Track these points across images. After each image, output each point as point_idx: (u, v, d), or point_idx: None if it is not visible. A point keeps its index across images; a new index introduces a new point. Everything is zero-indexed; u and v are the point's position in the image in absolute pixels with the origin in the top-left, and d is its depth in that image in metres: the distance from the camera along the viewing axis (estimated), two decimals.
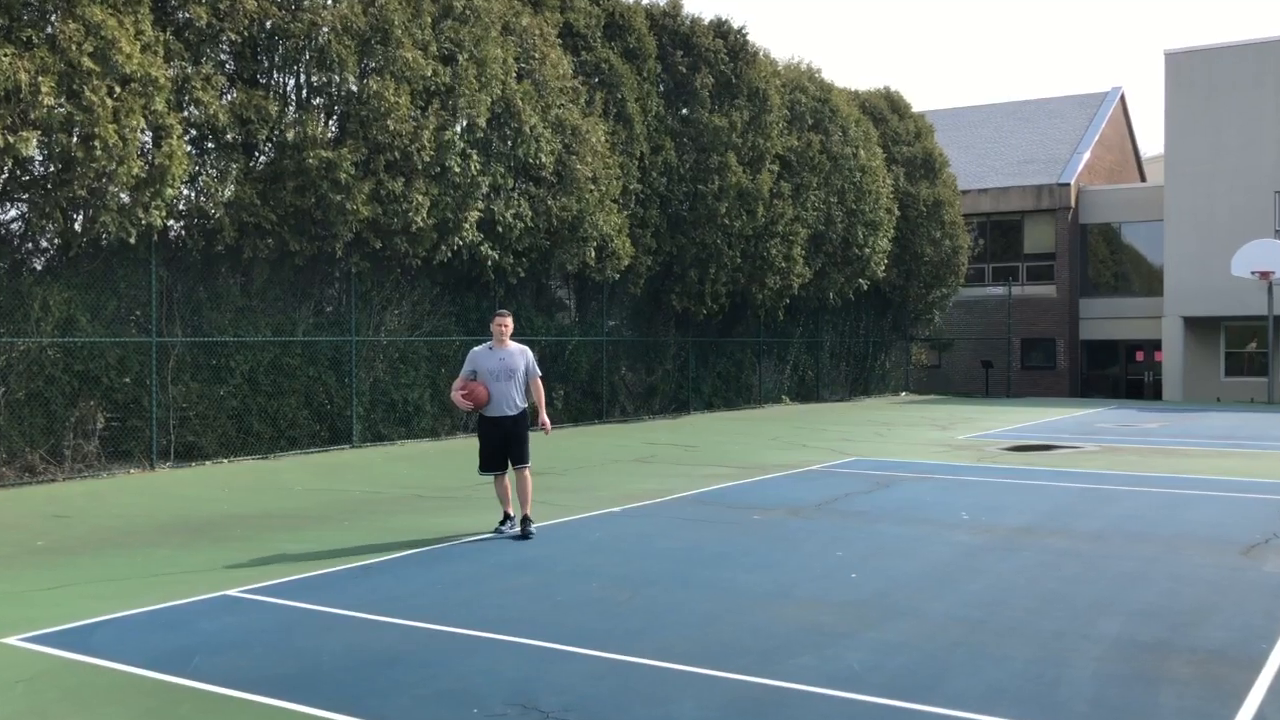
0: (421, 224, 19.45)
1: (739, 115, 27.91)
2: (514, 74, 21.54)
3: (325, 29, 18.17)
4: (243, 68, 18.06)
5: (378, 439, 20.85)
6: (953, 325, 43.82)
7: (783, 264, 29.67)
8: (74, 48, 14.70)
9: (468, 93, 19.99)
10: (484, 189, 20.74)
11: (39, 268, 16.56)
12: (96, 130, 14.83)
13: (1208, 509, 13.41)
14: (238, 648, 7.34)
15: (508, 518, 11.60)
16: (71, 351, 16.35)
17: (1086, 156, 45.39)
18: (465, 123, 20.48)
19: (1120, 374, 44.37)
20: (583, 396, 26.18)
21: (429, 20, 19.72)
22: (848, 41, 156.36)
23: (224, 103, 17.34)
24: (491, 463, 11.51)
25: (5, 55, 14.09)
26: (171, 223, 17.56)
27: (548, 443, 11.72)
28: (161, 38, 16.25)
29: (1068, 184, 43.82)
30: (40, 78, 14.36)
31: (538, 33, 22.57)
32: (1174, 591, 9.02)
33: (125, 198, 15.76)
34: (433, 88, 19.64)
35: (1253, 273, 35.34)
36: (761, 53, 29.49)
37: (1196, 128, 39.88)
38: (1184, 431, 24.57)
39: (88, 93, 14.76)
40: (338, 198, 18.14)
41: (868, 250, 33.54)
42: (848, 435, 23.36)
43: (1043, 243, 44.68)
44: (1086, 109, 49.16)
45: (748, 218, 28.13)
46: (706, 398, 30.62)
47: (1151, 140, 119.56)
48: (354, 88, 18.71)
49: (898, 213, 35.92)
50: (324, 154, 17.90)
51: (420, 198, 19.27)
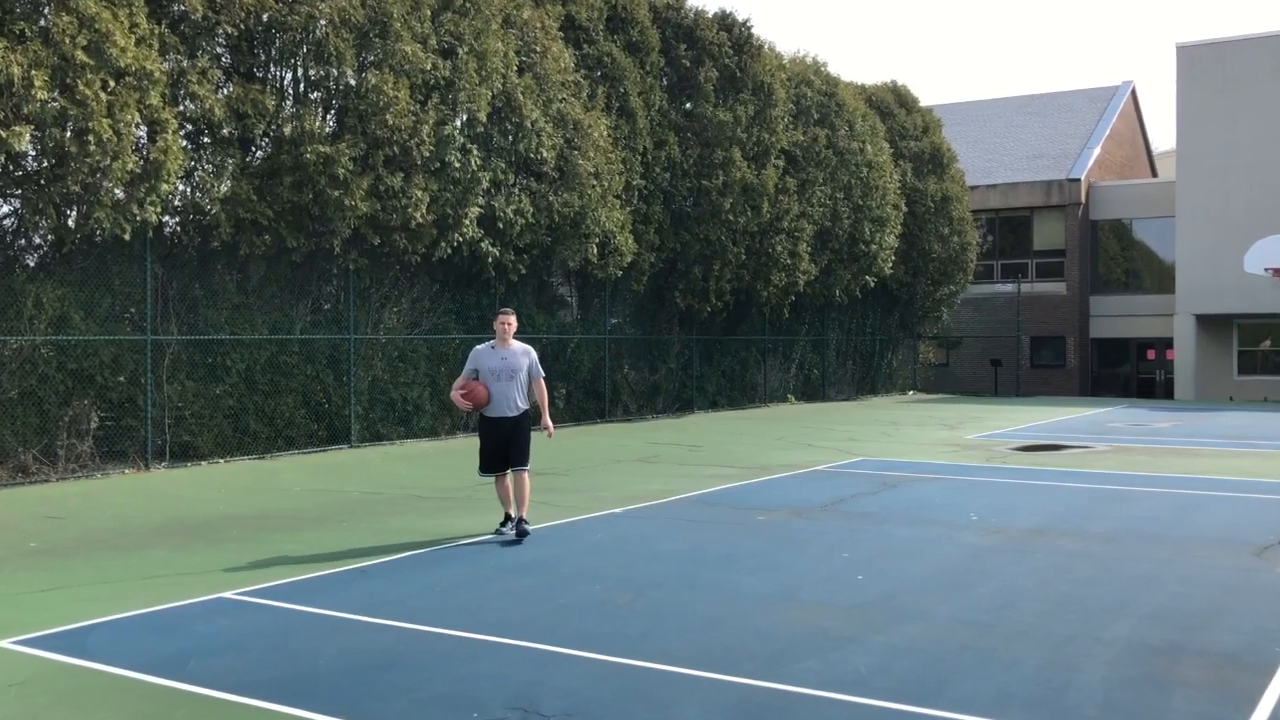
0: (421, 220, 19.45)
1: (744, 109, 27.89)
2: (515, 67, 21.54)
3: (323, 22, 18.17)
4: (239, 61, 18.06)
5: (376, 439, 20.86)
6: (961, 323, 43.77)
7: (788, 261, 29.67)
8: (67, 41, 14.70)
9: (468, 86, 19.99)
10: (484, 184, 20.73)
11: (32, 264, 16.57)
12: (90, 125, 14.84)
13: (1220, 510, 13.39)
14: (234, 651, 7.33)
15: (509, 519, 11.56)
16: (65, 350, 16.35)
17: (1097, 151, 45.35)
18: (465, 117, 20.47)
19: (1131, 372, 44.33)
20: (585, 395, 26.18)
21: (428, 13, 19.71)
22: (854, 34, 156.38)
23: (220, 97, 17.34)
24: (492, 464, 11.48)
25: None
26: (167, 219, 17.56)
27: (550, 443, 11.72)
28: (156, 31, 16.25)
29: (1078, 179, 43.78)
30: (33, 71, 14.36)
31: (539, 25, 22.57)
32: (1185, 594, 9.01)
33: (120, 193, 15.75)
34: (432, 81, 19.64)
35: (1266, 269, 35.31)
36: (766, 46, 29.49)
37: (1209, 122, 39.83)
38: (1196, 431, 24.55)
39: (81, 87, 14.77)
40: (336, 193, 18.14)
41: (874, 247, 33.53)
42: (854, 435, 23.36)
43: (1052, 239, 44.64)
44: (1097, 103, 49.12)
45: (752, 213, 28.12)
46: (711, 397, 30.61)
47: (1163, 135, 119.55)
48: (352, 81, 18.70)
49: (905, 209, 35.92)
50: (322, 149, 17.90)
51: (419, 193, 19.26)
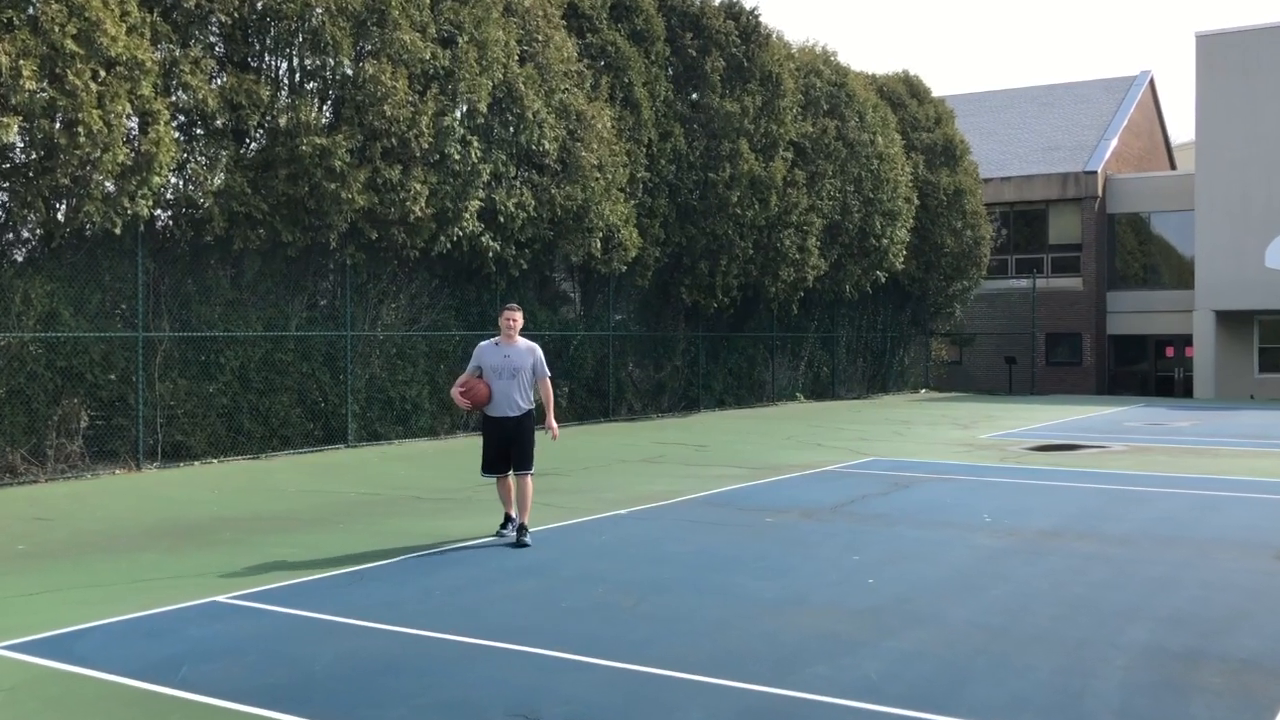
0: (420, 214, 19.45)
1: (751, 100, 27.88)
2: (516, 57, 21.52)
3: (319, 10, 18.17)
4: (233, 50, 18.05)
5: (374, 438, 20.86)
6: (974, 319, 43.73)
7: (797, 255, 29.65)
8: (56, 29, 14.70)
9: (468, 76, 19.98)
10: (485, 177, 20.73)
11: (20, 259, 16.56)
12: (80, 116, 14.84)
13: (1241, 511, 13.38)
14: (227, 656, 7.33)
15: (509, 519, 11.55)
16: (54, 347, 16.35)
17: (1114, 143, 45.30)
18: (465, 108, 20.47)
19: (1149, 370, 44.29)
20: (588, 394, 26.18)
21: (427, 1, 19.70)
22: (865, 23, 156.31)
23: (213, 87, 17.34)
24: (494, 465, 11.44)
25: None
26: (158, 212, 17.57)
27: (552, 443, 11.69)
28: (148, 19, 16.25)
29: (1094, 172, 43.74)
30: (21, 61, 14.37)
31: (541, 14, 22.56)
32: (1205, 598, 8.99)
33: (110, 186, 15.76)
34: (431, 71, 19.63)
35: None
36: (775, 35, 29.47)
37: (1230, 113, 39.76)
38: (1216, 430, 24.53)
39: (71, 76, 14.76)
40: (332, 186, 18.13)
41: (886, 241, 33.51)
42: (865, 434, 23.35)
43: (1068, 233, 44.60)
44: (1114, 93, 49.06)
45: (760, 207, 28.11)
46: (717, 395, 30.60)
47: (1182, 126, 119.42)
48: (349, 71, 18.70)
49: (917, 202, 35.89)
50: (318, 141, 17.90)
51: (418, 186, 19.26)
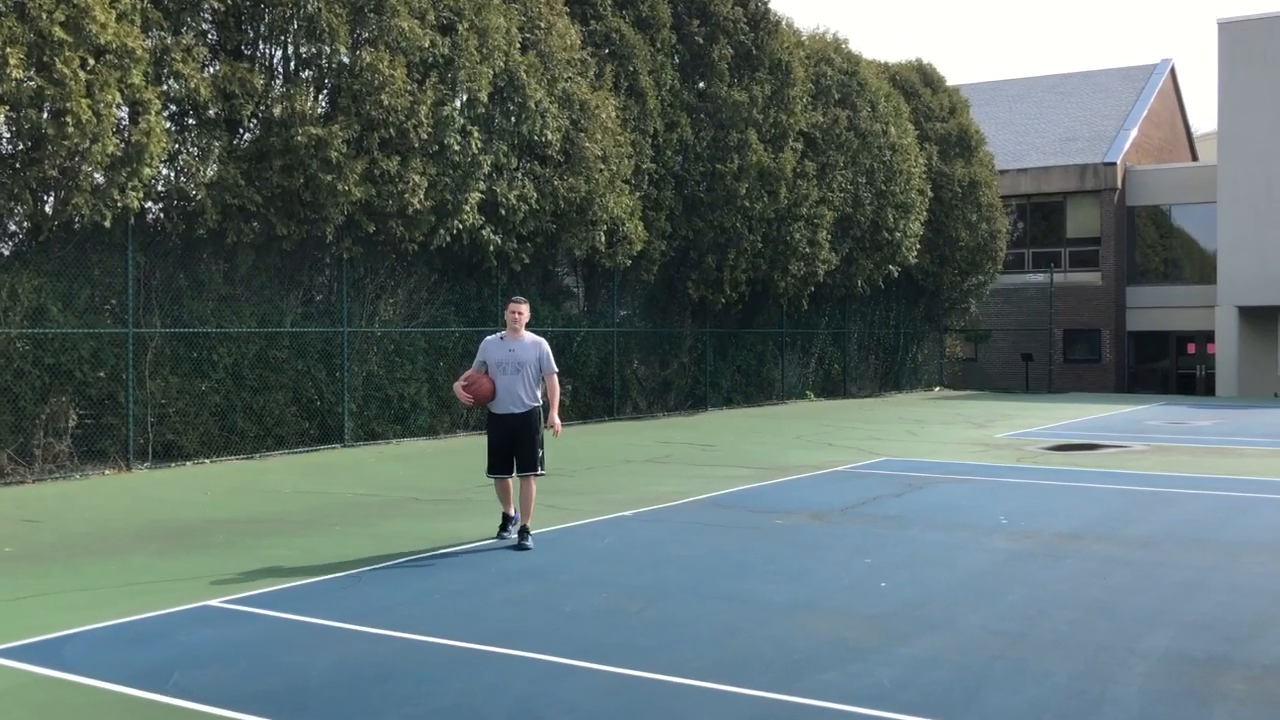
0: (418, 206, 19.43)
1: (760, 89, 27.86)
2: (518, 45, 21.50)
3: None
4: (226, 38, 18.05)
5: (371, 438, 20.86)
6: (990, 315, 43.70)
7: (807, 249, 29.63)
8: (44, 16, 14.70)
9: (468, 65, 19.96)
10: (485, 168, 20.71)
11: (7, 253, 16.59)
12: (68, 105, 14.83)
13: (1267, 513, 13.36)
14: (220, 662, 7.33)
15: (509, 520, 11.51)
16: (42, 343, 16.35)
17: (1134, 134, 45.25)
18: (465, 97, 20.45)
19: (1170, 368, 44.26)
20: (592, 392, 26.18)
21: None
22: (877, 10, 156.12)
23: (206, 76, 17.33)
24: (497, 464, 11.34)
25: None
26: (149, 205, 17.56)
27: (555, 442, 11.67)
28: (138, 6, 16.23)
29: (1114, 163, 43.70)
30: (8, 49, 14.36)
31: (543, 0, 22.54)
32: (1229, 602, 8.98)
33: (100, 178, 15.75)
34: (430, 59, 19.62)
35: None
36: (784, 22, 29.47)
37: (1253, 102, 39.70)
38: (1239, 430, 24.50)
39: (59, 65, 14.76)
40: (328, 178, 18.12)
41: (898, 234, 33.49)
42: (877, 434, 23.34)
43: (1087, 226, 44.56)
44: (1134, 82, 49.01)
45: (769, 199, 28.09)
46: (725, 393, 30.60)
47: (1204, 116, 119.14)
48: (346, 60, 18.69)
49: (931, 194, 35.87)
50: (313, 131, 17.88)
51: (417, 178, 19.25)
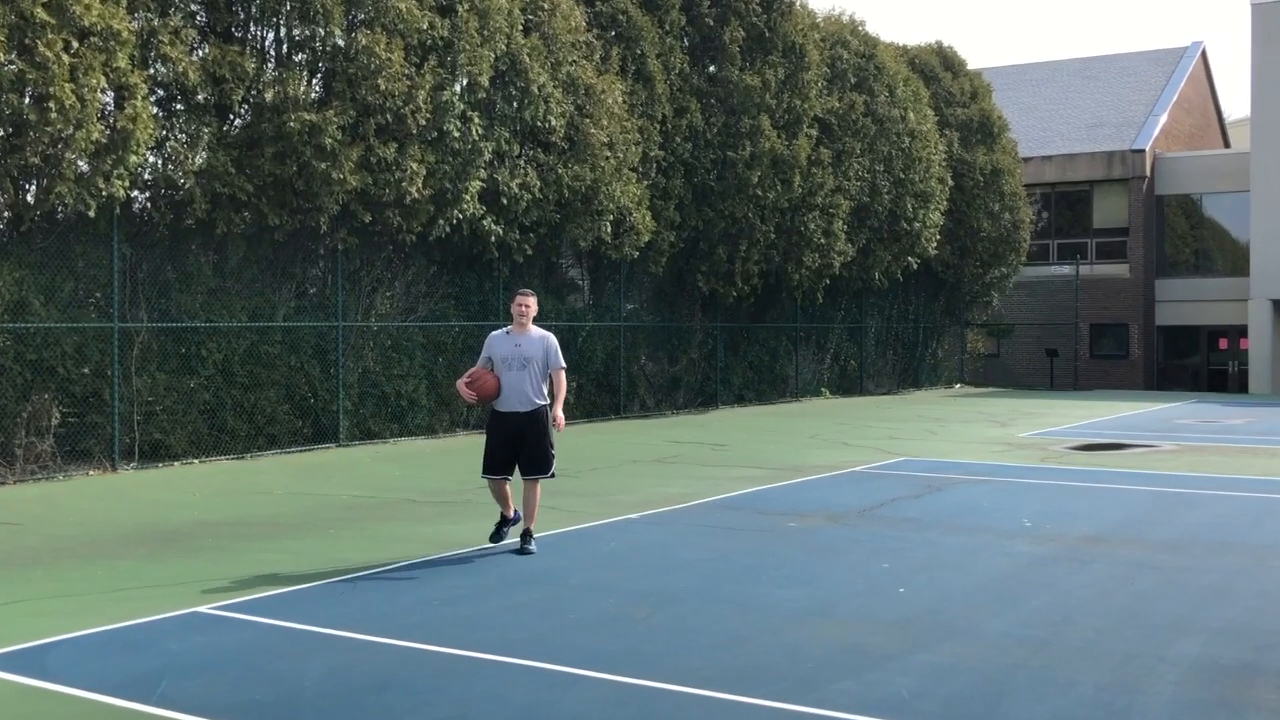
0: (416, 195, 19.43)
1: (773, 73, 27.82)
2: (520, 27, 21.49)
3: None
4: (216, 20, 18.05)
5: (367, 437, 20.88)
6: (1013, 309, 43.69)
7: (822, 240, 29.60)
8: None
9: (468, 48, 19.96)
10: (486, 156, 20.71)
11: None
12: (51, 90, 14.83)
13: None
14: (210, 671, 7.34)
15: (507, 521, 11.33)
16: (23, 339, 16.37)
17: (1163, 120, 45.17)
18: (466, 81, 20.45)
19: (1201, 364, 44.19)
20: (597, 389, 26.17)
21: None
22: None
23: (195, 59, 17.33)
24: (494, 465, 11.13)
25: None
26: (135, 194, 17.58)
27: (559, 441, 11.62)
28: None
29: (1142, 150, 43.62)
30: None
31: None
32: (1261, 608, 8.98)
33: (84, 166, 15.76)
34: (429, 42, 19.61)
35: None
36: (798, 3, 29.39)
37: None
38: (1272, 429, 24.48)
39: (41, 48, 14.76)
40: (322, 166, 18.12)
41: (918, 225, 33.45)
42: (895, 432, 23.34)
43: (1114, 216, 44.49)
44: (1163, 66, 48.93)
45: (783, 188, 28.06)
46: (736, 390, 30.59)
47: (1237, 101, 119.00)
48: (340, 42, 18.69)
49: (951, 183, 35.83)
50: (307, 117, 17.88)
51: (415, 166, 19.25)
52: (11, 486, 15.66)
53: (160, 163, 17.42)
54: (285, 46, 18.78)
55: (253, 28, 18.60)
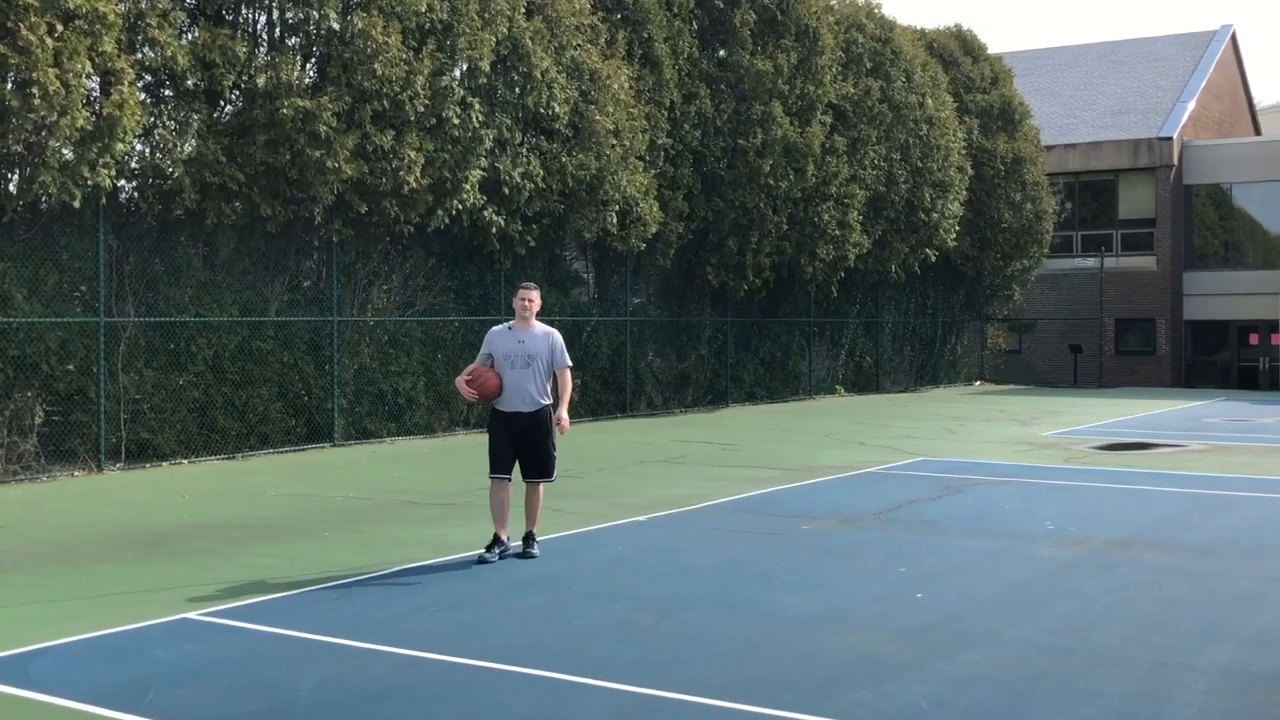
0: (414, 184, 19.42)
1: (785, 58, 27.79)
2: (522, 9, 21.48)
3: None
4: (205, 2, 18.05)
5: (363, 436, 20.87)
6: (1035, 303, 43.63)
7: (837, 231, 29.58)
8: None
9: (468, 31, 19.95)
10: (487, 144, 20.70)
11: None
12: (34, 75, 14.83)
13: None
14: (199, 680, 7.33)
15: (498, 541, 10.92)
16: (5, 334, 16.38)
17: (1191, 106, 45.09)
18: (466, 66, 20.43)
19: (1231, 360, 44.10)
20: (603, 386, 26.17)
21: None
22: None
23: (183, 43, 17.33)
24: (499, 463, 10.97)
25: None
26: (122, 183, 17.58)
27: (563, 441, 11.58)
28: None
29: (1170, 138, 43.54)
30: None
31: None
32: None
33: (68, 154, 15.76)
34: (428, 25, 19.60)
35: None
36: None
37: None
38: None
39: (24, 31, 14.76)
40: (316, 154, 18.11)
41: (936, 215, 33.42)
42: (912, 431, 23.33)
43: (1140, 206, 44.42)
44: (1192, 50, 48.84)
45: (796, 177, 28.04)
46: (747, 387, 30.58)
47: (1268, 87, 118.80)
48: (335, 25, 18.68)
49: (971, 172, 35.80)
50: (300, 103, 17.88)
51: (413, 154, 19.24)
52: None
53: (148, 151, 17.43)
54: (278, 30, 18.78)
55: (244, 10, 18.61)
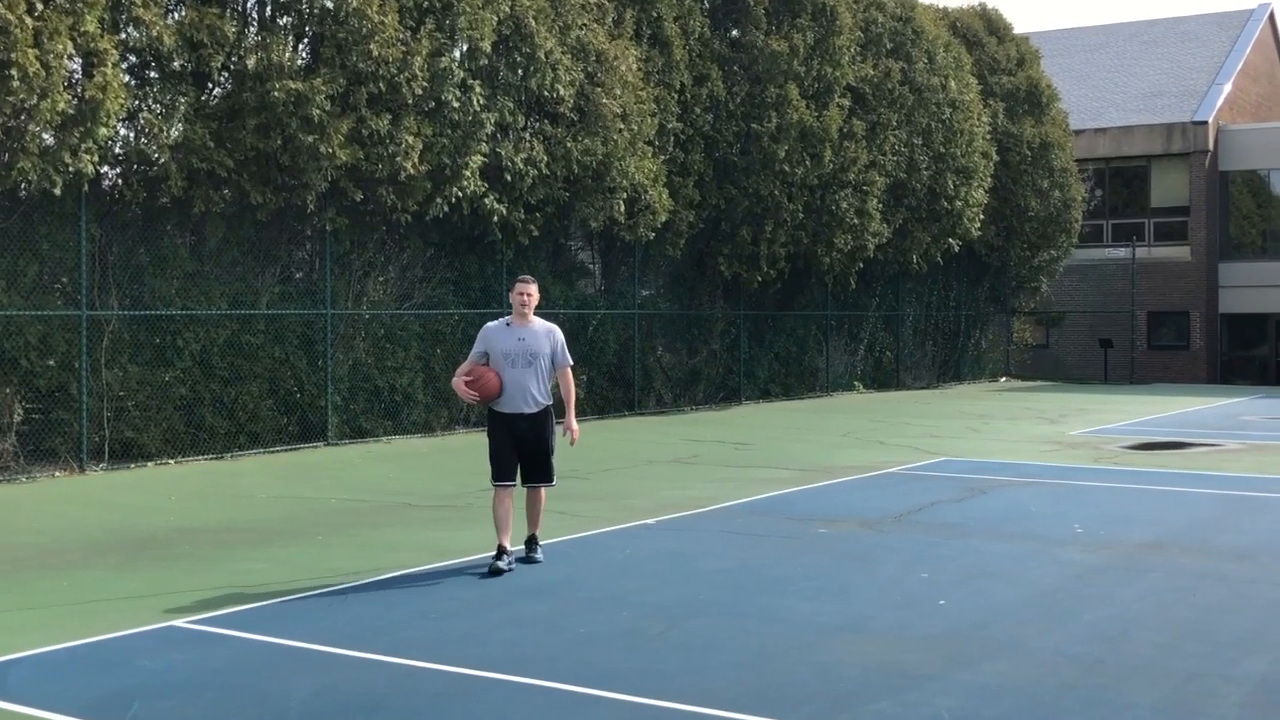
0: (412, 171, 19.42)
1: (801, 38, 27.77)
2: None
3: None
4: None
5: (358, 435, 20.88)
6: (1063, 295, 43.61)
7: (855, 220, 29.55)
8: None
9: (469, 10, 19.94)
10: (488, 128, 20.69)
11: None
12: (13, 56, 14.83)
13: None
14: (186, 691, 7.33)
15: (504, 552, 10.69)
16: None
17: (1227, 89, 45.03)
18: (466, 47, 20.42)
19: (1269, 355, 44.07)
20: (610, 383, 26.16)
21: None
22: None
23: (170, 23, 17.33)
24: (502, 470, 10.82)
25: None
26: (105, 170, 17.58)
27: (570, 446, 11.52)
28: None
29: (1204, 122, 43.49)
30: None
31: None
32: None
33: (49, 139, 15.76)
34: (426, 4, 19.60)
35: None
36: None
37: None
38: None
39: (2, 9, 14.76)
40: (309, 139, 18.11)
41: (959, 203, 33.38)
42: (935, 430, 23.33)
43: (1174, 194, 44.38)
44: (1228, 30, 48.78)
45: (812, 163, 28.01)
46: (762, 384, 30.57)
47: None
48: (329, 4, 18.68)
49: (996, 158, 35.75)
50: (292, 85, 17.87)
51: (411, 139, 19.24)
52: None
53: (132, 136, 17.44)
54: (269, 9, 18.78)
55: None
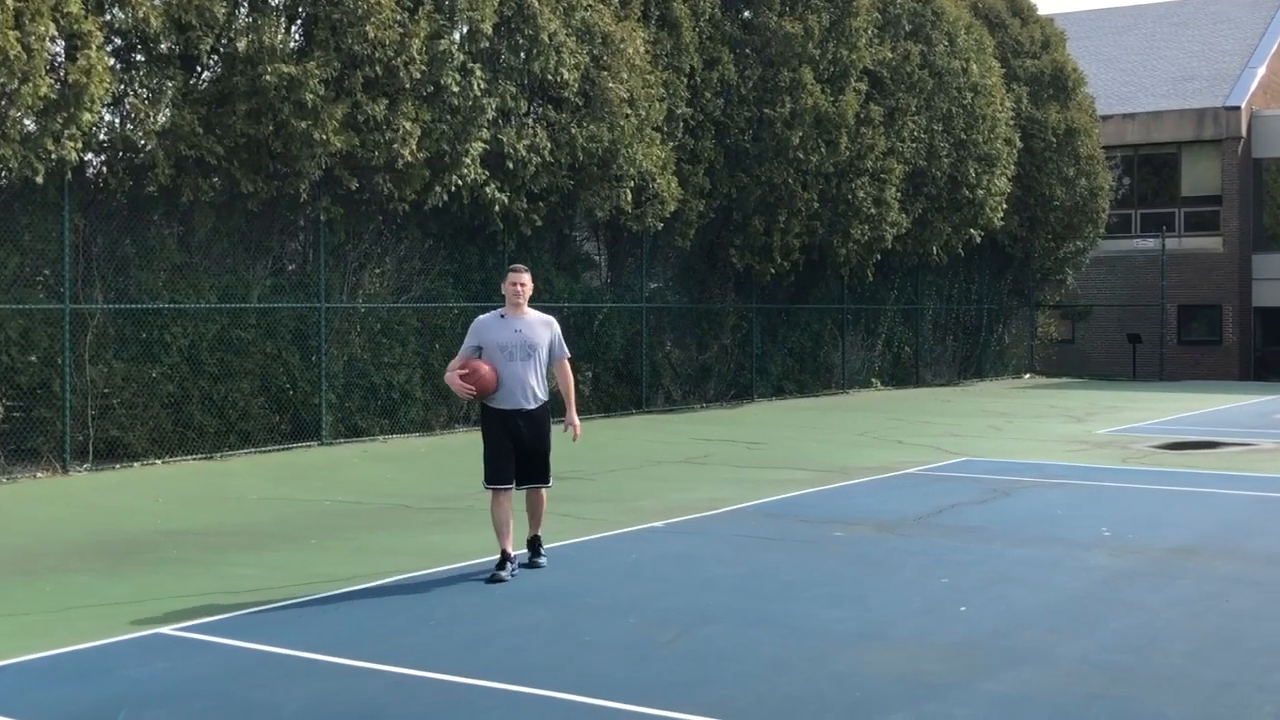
0: (410, 158, 19.42)
1: (816, 19, 27.75)
2: None
3: None
4: None
5: (354, 434, 20.89)
6: (1090, 288, 43.56)
7: (872, 210, 29.53)
8: None
9: None
10: (490, 114, 20.69)
11: None
12: None
13: None
14: (173, 701, 7.33)
15: (508, 560, 10.59)
16: None
17: (1261, 72, 44.97)
18: (466, 29, 20.41)
19: None
20: (616, 380, 26.16)
21: None
22: None
23: (157, 4, 17.33)
24: (499, 472, 10.70)
25: None
26: (90, 157, 17.59)
27: (572, 443, 11.51)
28: None
29: (1237, 107, 43.44)
30: None
31: None
32: None
33: (30, 125, 15.77)
34: None
35: None
36: None
37: None
38: None
39: None
40: (302, 125, 18.11)
41: (981, 192, 33.35)
42: (956, 429, 23.33)
43: (1205, 182, 44.34)
44: (1261, 12, 48.71)
45: (828, 150, 27.99)
46: (775, 381, 30.57)
47: None
48: None
49: (1020, 144, 35.73)
50: (285, 69, 17.87)
51: (408, 125, 19.23)
52: None
53: (118, 121, 17.44)
54: None
55: None
